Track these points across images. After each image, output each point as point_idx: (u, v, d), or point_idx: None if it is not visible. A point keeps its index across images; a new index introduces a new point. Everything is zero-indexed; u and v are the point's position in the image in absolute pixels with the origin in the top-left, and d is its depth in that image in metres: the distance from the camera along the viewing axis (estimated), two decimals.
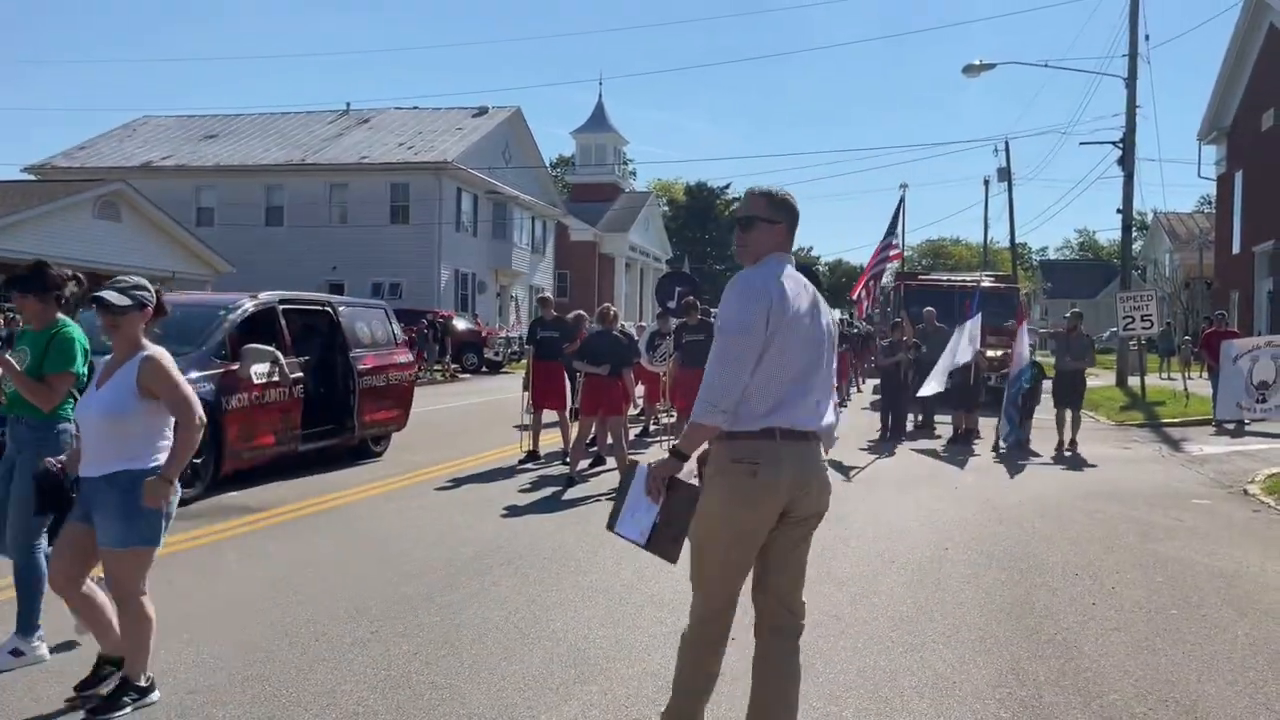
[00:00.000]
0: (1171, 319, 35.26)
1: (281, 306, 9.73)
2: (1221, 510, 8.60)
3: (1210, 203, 48.61)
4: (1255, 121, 31.43)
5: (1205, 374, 19.12)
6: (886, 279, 21.83)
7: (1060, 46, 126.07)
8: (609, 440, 9.53)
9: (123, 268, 23.23)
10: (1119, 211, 22.45)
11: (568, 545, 6.82)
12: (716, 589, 3.17)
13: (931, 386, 12.76)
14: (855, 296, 23.56)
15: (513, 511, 8.03)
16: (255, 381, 8.81)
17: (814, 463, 3.19)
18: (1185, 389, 18.83)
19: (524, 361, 32.91)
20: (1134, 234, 24.82)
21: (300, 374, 9.44)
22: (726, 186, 70.44)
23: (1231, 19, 32.90)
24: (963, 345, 12.94)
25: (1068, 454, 12.03)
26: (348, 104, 42.78)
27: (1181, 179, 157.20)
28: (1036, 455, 12.15)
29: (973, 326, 13.14)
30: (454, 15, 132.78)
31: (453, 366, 28.20)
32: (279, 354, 9.06)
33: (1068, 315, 13.87)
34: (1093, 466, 11.16)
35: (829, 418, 3.25)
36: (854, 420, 16.45)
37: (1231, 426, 14.66)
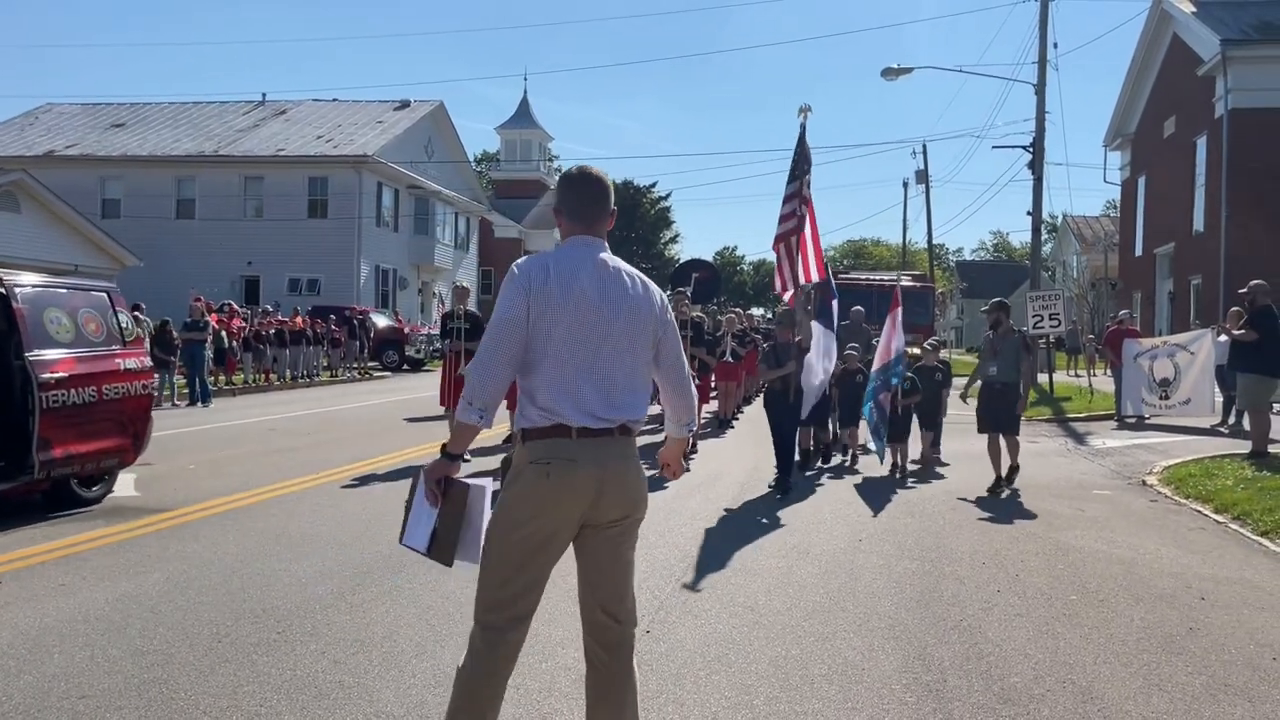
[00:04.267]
0: (1078, 319, 36.51)
1: None
2: (1121, 500, 8.92)
3: (1114, 207, 50.51)
4: (1158, 129, 32.75)
5: (1109, 371, 19.85)
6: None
7: (976, 51, 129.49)
8: None
9: (22, 260, 22.31)
10: (1029, 214, 23.16)
11: None
12: (499, 600, 2.87)
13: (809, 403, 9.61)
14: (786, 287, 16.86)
15: None
16: None
17: (616, 460, 2.88)
18: (1090, 385, 19.52)
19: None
20: (1044, 236, 25.70)
21: None
22: (653, 185, 70.68)
23: (1137, 28, 34.24)
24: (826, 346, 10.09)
25: (1003, 494, 9.07)
26: (263, 95, 41.91)
27: (1089, 183, 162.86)
28: (946, 465, 10.83)
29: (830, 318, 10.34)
30: (374, 6, 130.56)
31: (369, 365, 27.74)
32: None
33: (985, 308, 10.20)
34: (1030, 516, 8.04)
35: (638, 409, 2.97)
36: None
37: (1133, 421, 15.26)
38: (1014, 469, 9.43)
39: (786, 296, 9.78)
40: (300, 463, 10.28)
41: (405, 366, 29.24)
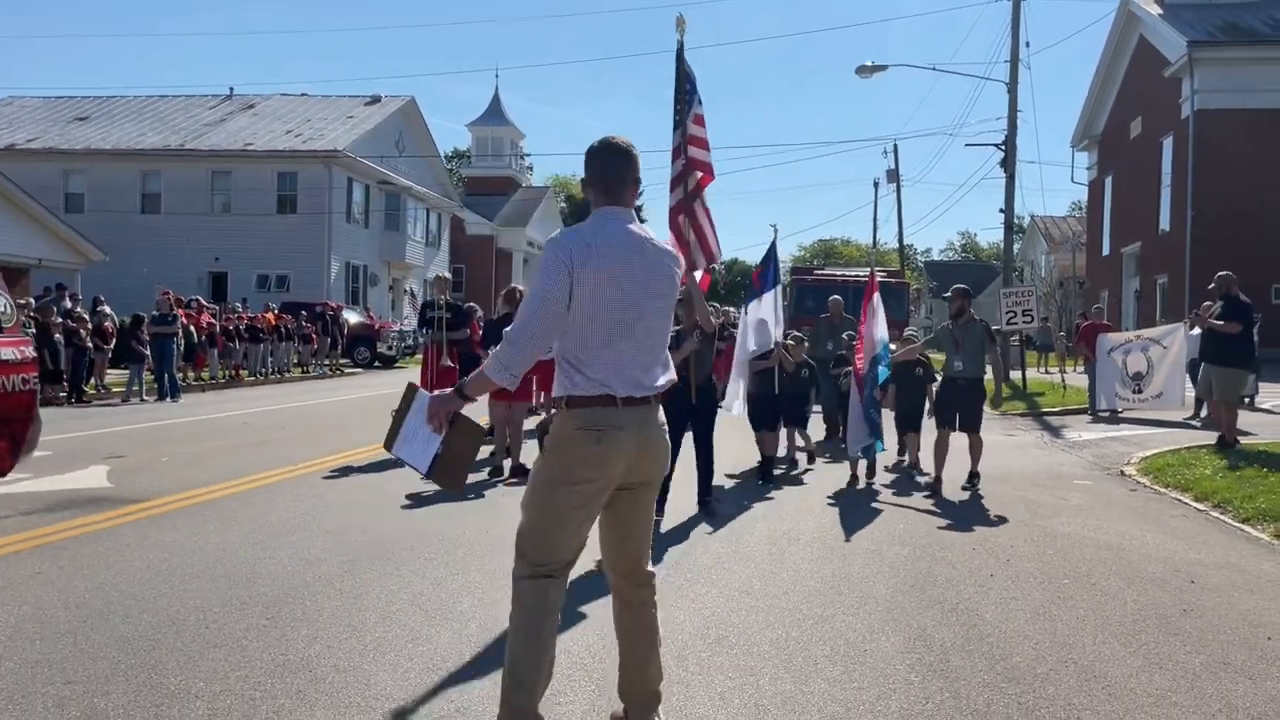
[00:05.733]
0: (1048, 317, 36.90)
1: None
2: (1102, 489, 8.98)
3: (1081, 207, 51.18)
4: (1124, 129, 33.21)
5: (1081, 367, 20.03)
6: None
7: (946, 51, 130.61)
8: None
9: None
10: (1001, 211, 23.36)
11: (472, 531, 6.65)
12: (550, 548, 3.08)
13: (735, 403, 9.15)
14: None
15: (415, 501, 7.79)
16: None
17: (654, 427, 3.14)
18: (1063, 381, 19.71)
19: (419, 356, 32.26)
20: (1013, 234, 25.99)
21: None
22: None
23: (1104, 30, 34.65)
24: (753, 330, 9.09)
25: (966, 490, 8.56)
26: (231, 88, 41.37)
27: (1056, 184, 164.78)
28: (924, 473, 9.46)
29: (770, 305, 9.10)
30: (342, 1, 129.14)
31: (341, 361, 27.42)
32: None
33: (950, 292, 9.33)
34: (1014, 505, 7.87)
35: (665, 378, 3.20)
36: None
37: (1106, 414, 15.40)
38: (974, 475, 8.73)
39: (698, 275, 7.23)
40: (277, 456, 10.10)
41: (377, 363, 28.95)
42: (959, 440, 8.92)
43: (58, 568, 5.46)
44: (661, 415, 3.22)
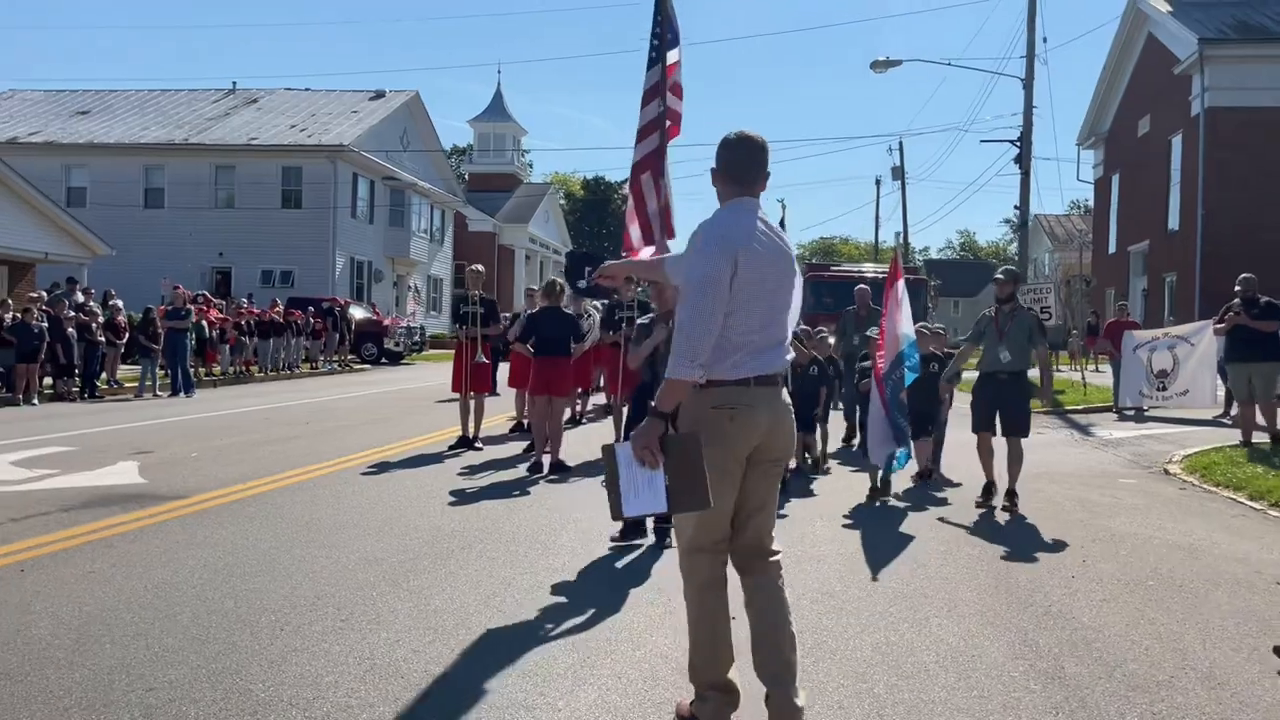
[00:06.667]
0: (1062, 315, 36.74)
1: None
2: (1151, 488, 8.81)
3: (1080, 206, 51.14)
4: (1132, 127, 33.05)
5: (1093, 365, 19.87)
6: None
7: (948, 48, 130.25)
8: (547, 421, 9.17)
9: None
10: (1016, 208, 23.21)
11: (526, 528, 6.47)
12: (713, 527, 3.23)
13: None
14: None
15: (460, 498, 7.60)
16: None
17: (782, 407, 3.27)
18: (1084, 379, 19.58)
19: (426, 352, 31.89)
20: (1016, 234, 25.80)
21: None
22: (624, 181, 70.29)
23: (1110, 29, 34.50)
24: None
25: (1005, 511, 7.37)
26: (234, 82, 41.01)
27: (1058, 182, 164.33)
28: (953, 483, 8.62)
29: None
30: None
31: (349, 357, 27.16)
32: None
33: (1000, 274, 8.08)
34: (1067, 503, 7.53)
35: (789, 357, 3.34)
36: None
37: (1132, 413, 15.25)
38: (1012, 493, 7.47)
39: (645, 255, 6.17)
40: (306, 451, 9.89)
41: (384, 360, 28.71)
42: (999, 448, 7.67)
43: (110, 566, 5.27)
44: (786, 395, 3.32)
